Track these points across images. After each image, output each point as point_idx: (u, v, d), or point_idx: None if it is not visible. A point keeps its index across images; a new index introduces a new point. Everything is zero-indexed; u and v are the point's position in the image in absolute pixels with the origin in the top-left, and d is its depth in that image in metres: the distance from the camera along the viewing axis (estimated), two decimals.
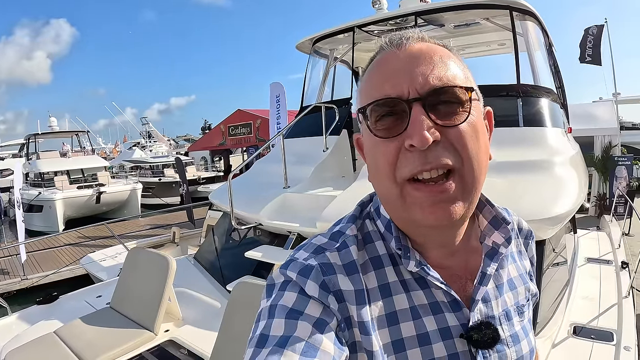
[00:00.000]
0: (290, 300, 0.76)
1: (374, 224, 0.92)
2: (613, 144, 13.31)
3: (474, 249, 0.92)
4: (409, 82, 0.75)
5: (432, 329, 0.81)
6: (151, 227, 16.61)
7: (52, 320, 4.15)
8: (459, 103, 0.75)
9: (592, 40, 15.27)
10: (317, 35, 6.15)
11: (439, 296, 0.83)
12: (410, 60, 0.77)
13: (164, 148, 46.93)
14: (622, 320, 3.71)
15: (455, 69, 0.78)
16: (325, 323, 0.74)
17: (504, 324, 0.88)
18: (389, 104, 0.76)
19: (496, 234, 0.91)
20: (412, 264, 0.82)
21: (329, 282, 0.78)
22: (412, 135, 0.72)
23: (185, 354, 3.44)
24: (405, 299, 0.82)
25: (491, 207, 0.94)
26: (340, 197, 3.86)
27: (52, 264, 12.44)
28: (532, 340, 0.94)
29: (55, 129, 31.52)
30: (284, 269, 0.81)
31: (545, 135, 4.10)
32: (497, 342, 0.83)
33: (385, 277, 0.84)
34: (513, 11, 4.78)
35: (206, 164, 38.82)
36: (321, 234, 0.90)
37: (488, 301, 0.87)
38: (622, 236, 6.79)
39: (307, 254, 0.84)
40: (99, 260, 8.44)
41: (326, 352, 0.70)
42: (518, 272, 0.98)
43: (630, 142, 20.32)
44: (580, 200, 3.47)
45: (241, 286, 3.04)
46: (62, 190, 23.20)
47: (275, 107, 12.73)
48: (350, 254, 0.83)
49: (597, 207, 12.94)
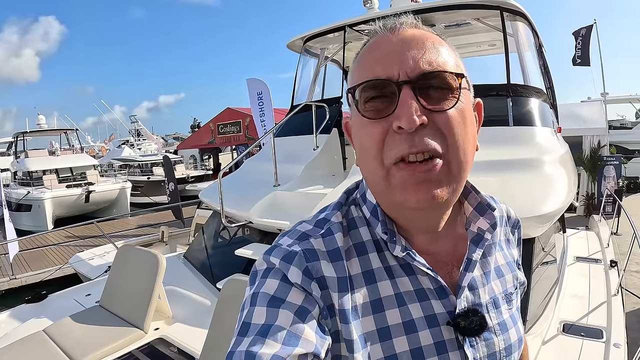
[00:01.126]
0: (272, 288, 0.76)
1: (359, 209, 0.92)
2: (602, 143, 13.40)
3: (460, 235, 0.92)
4: (399, 65, 0.75)
5: (417, 316, 0.80)
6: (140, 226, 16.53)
7: (41, 318, 4.13)
8: (449, 89, 0.76)
9: (581, 41, 15.40)
10: (308, 34, 6.15)
11: (425, 283, 0.83)
12: (403, 44, 0.77)
13: (154, 146, 46.74)
14: (611, 318, 3.75)
15: (447, 55, 0.79)
16: (307, 311, 0.74)
17: (491, 311, 0.88)
18: (379, 85, 0.76)
19: (481, 220, 0.92)
20: (398, 249, 0.82)
21: (312, 269, 0.78)
22: (400, 117, 0.72)
23: (175, 352, 3.43)
24: (389, 285, 0.82)
25: (476, 193, 0.95)
26: (330, 195, 3.87)
27: (41, 263, 12.36)
28: (521, 329, 0.94)
29: (43, 127, 31.26)
30: (268, 255, 0.81)
31: (535, 135, 4.12)
32: (484, 330, 0.84)
33: (369, 264, 0.84)
34: (504, 12, 4.80)
35: (195, 163, 38.69)
36: (306, 221, 0.90)
37: (475, 288, 0.87)
38: (610, 235, 6.84)
39: (291, 240, 0.84)
40: (87, 259, 8.39)
41: (308, 341, 0.70)
42: (505, 260, 0.98)
43: (618, 141, 20.48)
44: (570, 199, 3.50)
45: (231, 284, 3.03)
46: (50, 189, 23.01)
47: (257, 104, 12.56)
48: (335, 241, 0.83)
49: (586, 206, 13.03)
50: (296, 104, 6.08)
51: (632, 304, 5.98)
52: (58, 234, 15.11)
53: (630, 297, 5.46)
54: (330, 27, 5.80)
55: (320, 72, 6.78)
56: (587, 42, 15.32)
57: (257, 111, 12.62)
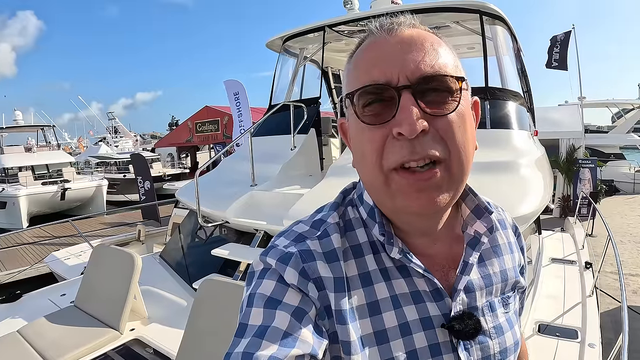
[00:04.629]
0: (269, 289, 0.75)
1: (356, 210, 0.91)
2: (577, 146, 13.58)
3: (457, 238, 0.92)
4: (399, 69, 0.73)
5: (412, 318, 0.80)
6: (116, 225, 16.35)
7: (16, 319, 4.07)
8: (449, 92, 0.75)
9: (559, 46, 15.59)
10: (287, 33, 6.14)
11: (421, 285, 0.83)
12: (401, 47, 0.76)
13: (131, 144, 46.35)
14: (586, 319, 3.80)
15: (447, 57, 0.78)
16: (304, 312, 0.73)
17: (487, 315, 0.87)
18: (378, 90, 0.74)
19: (478, 223, 0.91)
20: (395, 251, 0.82)
21: (308, 269, 0.77)
22: (401, 123, 0.71)
23: (151, 352, 3.40)
24: (385, 287, 0.81)
25: (474, 196, 0.94)
26: (307, 196, 3.87)
27: (16, 262, 12.16)
28: (518, 333, 0.93)
29: (20, 123, 30.85)
30: (264, 256, 0.81)
31: (511, 137, 4.16)
32: (479, 333, 0.83)
33: (365, 266, 0.83)
34: (483, 15, 4.84)
35: (173, 161, 38.39)
36: (302, 221, 0.89)
37: (472, 291, 0.86)
38: (585, 237, 6.93)
39: (287, 241, 0.83)
40: (63, 258, 8.27)
41: (305, 342, 0.70)
42: (507, 264, 0.96)
43: (594, 144, 20.78)
44: (545, 201, 3.53)
45: (207, 284, 3.01)
46: (26, 186, 22.69)
47: (235, 104, 12.64)
48: (332, 242, 0.82)
49: (562, 208, 13.19)
50: (274, 104, 6.08)
51: (607, 305, 6.07)
52: (33, 232, 14.90)
53: (604, 298, 5.55)
54: (310, 27, 5.80)
55: (299, 71, 6.77)
56: (566, 47, 15.51)
57: (236, 111, 12.69)
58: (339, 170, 4.18)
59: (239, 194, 4.56)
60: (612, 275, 7.87)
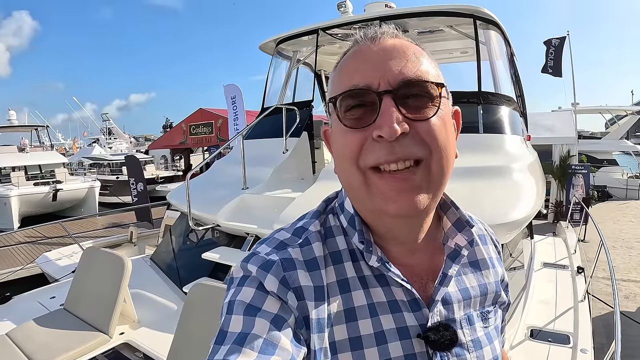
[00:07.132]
0: (248, 296, 0.75)
1: (337, 218, 0.92)
2: (571, 152, 13.64)
3: (437, 249, 0.92)
4: (380, 74, 0.75)
5: (389, 327, 0.80)
6: (109, 226, 16.29)
7: (4, 321, 4.04)
8: (429, 97, 0.76)
9: (554, 52, 15.64)
10: (281, 36, 6.13)
11: (399, 294, 0.83)
12: (384, 54, 0.77)
13: (124, 145, 46.27)
14: (578, 324, 3.80)
15: (427, 65, 0.79)
16: (283, 320, 0.73)
17: (465, 327, 0.86)
18: (360, 94, 0.76)
19: (459, 236, 0.91)
20: (374, 259, 0.82)
21: (289, 278, 0.77)
22: (381, 126, 0.72)
23: (140, 357, 3.38)
24: (363, 295, 0.81)
25: (456, 209, 0.94)
26: (298, 199, 3.87)
27: (6, 263, 12.09)
28: (497, 349, 0.93)
29: (14, 123, 30.82)
30: (245, 263, 0.81)
31: (504, 142, 4.17)
32: (454, 345, 0.82)
33: (344, 273, 0.83)
34: (477, 20, 4.85)
35: (166, 163, 38.35)
36: (284, 229, 0.90)
37: (449, 303, 0.86)
38: (577, 242, 6.95)
39: (269, 248, 0.83)
40: (54, 259, 8.23)
41: (285, 350, 0.70)
42: (488, 279, 0.97)
43: (587, 150, 20.91)
44: (538, 206, 3.53)
45: (197, 288, 2.99)
46: (18, 186, 22.60)
47: (232, 108, 12.79)
48: (313, 251, 0.83)
49: (555, 214, 13.24)
50: (267, 106, 6.06)
51: (599, 310, 6.09)
52: (24, 233, 14.83)
53: (596, 303, 5.55)
54: (303, 30, 5.80)
55: (292, 74, 6.78)
56: (560, 53, 15.58)
57: (232, 115, 12.83)
58: (331, 173, 4.15)
59: (230, 197, 4.55)
60: (604, 281, 7.90)
